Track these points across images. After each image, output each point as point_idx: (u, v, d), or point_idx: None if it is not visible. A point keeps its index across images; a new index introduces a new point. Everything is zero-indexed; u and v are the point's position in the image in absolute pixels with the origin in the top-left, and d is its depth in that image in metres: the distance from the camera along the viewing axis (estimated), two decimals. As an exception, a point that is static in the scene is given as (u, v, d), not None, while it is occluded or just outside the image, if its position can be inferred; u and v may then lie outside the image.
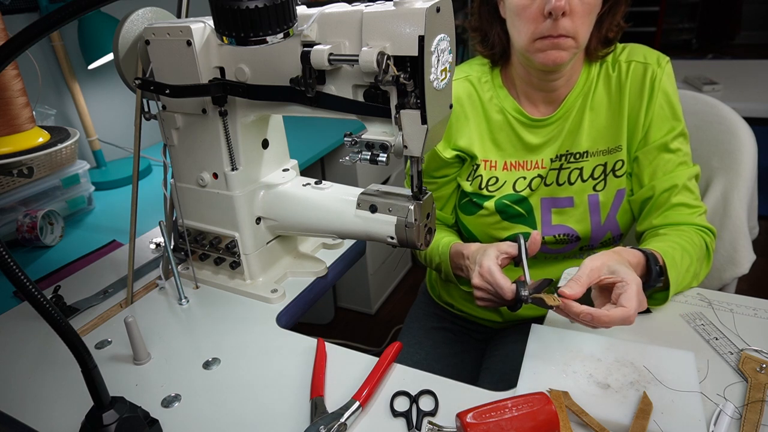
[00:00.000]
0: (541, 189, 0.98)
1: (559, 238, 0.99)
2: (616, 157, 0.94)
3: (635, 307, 0.67)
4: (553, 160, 0.96)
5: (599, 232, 0.97)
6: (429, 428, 0.62)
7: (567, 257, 1.03)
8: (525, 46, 0.86)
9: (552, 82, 0.92)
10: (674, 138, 0.91)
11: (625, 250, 0.79)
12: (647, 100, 0.90)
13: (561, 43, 0.83)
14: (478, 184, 0.99)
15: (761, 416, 0.60)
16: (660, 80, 0.90)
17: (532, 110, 0.97)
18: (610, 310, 0.67)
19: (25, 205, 1.20)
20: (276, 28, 0.63)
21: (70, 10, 0.43)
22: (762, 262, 2.33)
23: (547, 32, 0.82)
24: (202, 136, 0.85)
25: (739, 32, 5.96)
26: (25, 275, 0.48)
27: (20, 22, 1.38)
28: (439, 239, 1.02)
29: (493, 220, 0.99)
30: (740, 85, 2.17)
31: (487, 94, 0.99)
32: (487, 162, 0.99)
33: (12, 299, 0.96)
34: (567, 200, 0.97)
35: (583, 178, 0.96)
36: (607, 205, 0.96)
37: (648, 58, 0.91)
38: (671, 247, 0.82)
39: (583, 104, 0.94)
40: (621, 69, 0.92)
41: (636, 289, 0.68)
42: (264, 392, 0.70)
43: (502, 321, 1.10)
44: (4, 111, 1.10)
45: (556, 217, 0.98)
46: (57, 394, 0.73)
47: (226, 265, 0.92)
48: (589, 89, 0.94)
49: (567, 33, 0.82)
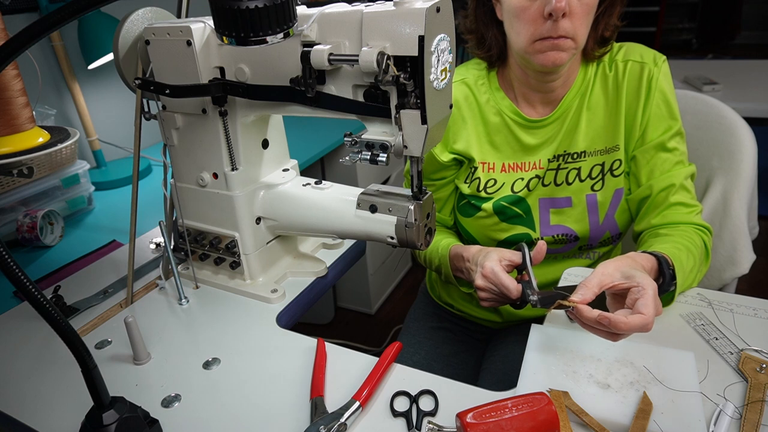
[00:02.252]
0: (539, 189, 0.98)
1: (558, 238, 0.98)
2: (614, 157, 0.94)
3: (653, 314, 0.64)
4: (551, 160, 0.96)
5: (598, 231, 0.97)
6: (429, 428, 0.62)
7: (566, 257, 1.03)
8: (524, 47, 0.85)
9: (549, 83, 0.92)
10: (671, 137, 0.91)
11: (639, 254, 0.78)
12: (644, 99, 0.90)
13: (561, 44, 0.83)
14: (476, 186, 0.99)
15: (761, 416, 0.60)
16: (657, 79, 0.90)
17: (530, 111, 0.97)
18: (628, 317, 0.63)
19: (25, 205, 1.20)
20: (276, 28, 0.63)
21: (70, 10, 0.43)
22: (762, 262, 2.33)
23: (547, 33, 0.82)
24: (202, 136, 0.85)
25: (739, 32, 5.95)
26: (25, 275, 0.48)
27: (20, 22, 1.38)
28: (438, 241, 1.02)
29: (491, 221, 0.99)
30: (740, 85, 2.17)
31: (483, 97, 0.98)
32: (485, 164, 0.99)
33: (12, 299, 0.96)
34: (565, 200, 0.97)
35: (581, 178, 0.96)
36: (606, 204, 0.96)
37: (645, 57, 0.91)
38: (677, 249, 0.81)
39: (580, 104, 0.94)
40: (618, 68, 0.92)
41: (653, 294, 0.65)
42: (264, 392, 0.70)
43: (502, 321, 1.10)
44: (4, 111, 1.10)
45: (555, 217, 0.98)
46: (57, 394, 0.72)
47: (226, 265, 0.92)
48: (586, 89, 0.94)
49: (567, 34, 0.82)
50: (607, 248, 1.03)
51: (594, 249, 1.02)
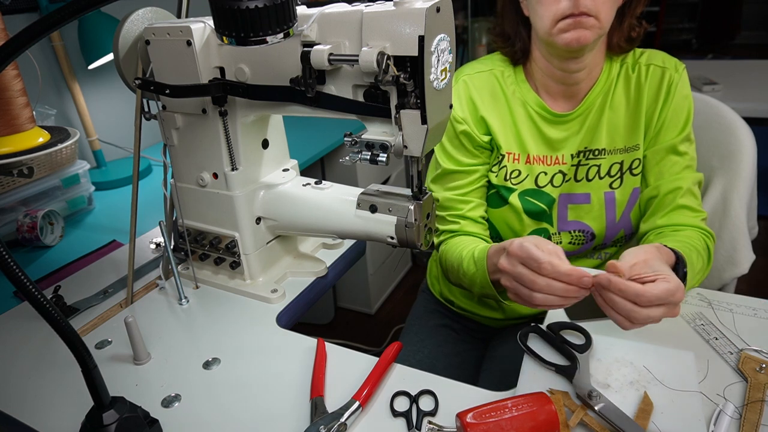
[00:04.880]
0: (562, 185, 0.99)
1: (575, 235, 1.00)
2: (633, 156, 0.96)
3: (678, 284, 0.63)
4: (573, 156, 0.97)
5: (613, 229, 0.99)
6: (429, 428, 0.62)
7: (580, 257, 1.04)
8: (548, 29, 0.86)
9: (573, 74, 0.93)
10: (682, 141, 0.92)
11: (664, 248, 0.75)
12: (662, 102, 0.92)
13: (584, 22, 0.83)
14: (504, 175, 1.00)
15: (761, 416, 0.60)
16: (677, 85, 0.92)
17: (553, 105, 0.98)
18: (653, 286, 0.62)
19: (25, 205, 1.20)
20: (276, 28, 0.63)
21: (70, 10, 0.43)
22: (762, 262, 2.33)
23: (568, 11, 0.82)
24: (202, 136, 0.85)
25: (739, 32, 5.95)
26: (25, 275, 0.48)
27: (20, 22, 1.38)
28: (473, 248, 0.93)
29: (515, 214, 1.00)
30: (740, 85, 2.17)
31: (510, 88, 1.00)
32: (510, 154, 1.00)
33: (12, 299, 0.96)
34: (584, 196, 0.98)
35: (601, 175, 0.97)
36: (623, 203, 0.97)
37: (666, 63, 0.94)
38: (687, 248, 0.82)
39: (603, 102, 0.95)
40: (641, 71, 0.94)
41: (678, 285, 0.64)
42: (264, 392, 0.70)
43: (504, 317, 1.10)
44: (4, 111, 1.10)
45: (572, 213, 1.00)
46: (57, 394, 0.73)
47: (226, 265, 0.92)
48: (609, 88, 0.95)
49: (589, 11, 0.82)
50: (615, 249, 1.04)
51: (607, 248, 1.04)
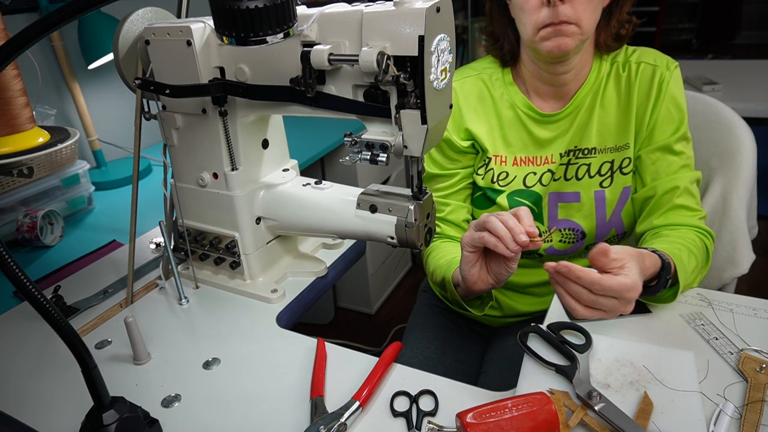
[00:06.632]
0: (551, 184, 0.99)
1: (566, 234, 1.00)
2: (624, 155, 0.96)
3: (636, 280, 0.66)
4: (562, 155, 0.98)
5: (604, 228, 0.98)
6: (429, 428, 0.62)
7: (572, 257, 1.04)
8: (531, 37, 0.88)
9: (561, 76, 0.93)
10: (678, 140, 0.92)
11: (649, 255, 0.76)
12: (654, 101, 0.92)
13: (564, 30, 0.84)
14: (491, 177, 1.01)
15: (761, 416, 0.60)
16: (668, 83, 0.91)
17: (542, 105, 0.98)
18: (609, 277, 0.66)
19: (25, 205, 1.20)
20: (276, 28, 0.63)
21: (70, 10, 0.43)
22: (761, 262, 2.33)
23: (548, 20, 0.84)
24: (202, 136, 0.85)
25: (739, 32, 5.96)
26: (25, 275, 0.48)
27: (20, 22, 1.38)
28: (444, 271, 0.93)
29: None
30: (740, 85, 2.17)
31: (498, 91, 1.00)
32: (497, 157, 1.00)
33: (12, 299, 0.96)
34: (573, 195, 0.99)
35: (590, 174, 0.97)
36: (613, 202, 0.97)
37: (657, 61, 0.93)
38: (678, 249, 0.82)
39: (592, 101, 0.96)
40: (631, 69, 0.94)
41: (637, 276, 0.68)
42: (264, 392, 0.70)
43: (501, 315, 1.10)
44: (4, 111, 1.10)
45: (562, 212, 1.00)
46: (57, 394, 0.73)
47: (226, 265, 0.92)
48: (599, 86, 0.95)
49: (568, 19, 0.83)
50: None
51: None
